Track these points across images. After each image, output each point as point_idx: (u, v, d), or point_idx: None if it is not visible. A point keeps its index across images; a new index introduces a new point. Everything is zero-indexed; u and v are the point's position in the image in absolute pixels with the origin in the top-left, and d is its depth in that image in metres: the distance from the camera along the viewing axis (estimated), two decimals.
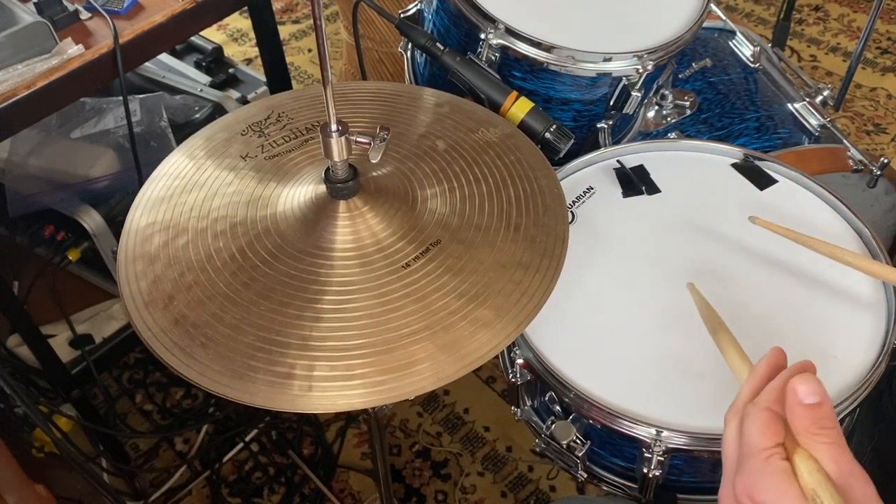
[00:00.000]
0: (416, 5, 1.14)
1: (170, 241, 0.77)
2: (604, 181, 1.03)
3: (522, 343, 0.87)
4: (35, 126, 1.20)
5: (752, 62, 1.35)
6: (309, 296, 0.71)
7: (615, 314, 0.89)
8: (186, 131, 1.46)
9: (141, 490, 1.49)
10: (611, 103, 1.06)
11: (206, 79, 1.58)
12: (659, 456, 0.80)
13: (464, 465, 1.51)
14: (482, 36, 1.00)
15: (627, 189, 1.01)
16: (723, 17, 1.39)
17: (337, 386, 0.65)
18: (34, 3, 1.11)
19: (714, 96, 1.29)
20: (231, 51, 2.47)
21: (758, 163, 1.04)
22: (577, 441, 0.87)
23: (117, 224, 1.36)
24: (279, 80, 1.46)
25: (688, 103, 1.26)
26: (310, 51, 2.51)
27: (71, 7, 1.15)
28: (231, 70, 1.61)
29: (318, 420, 1.57)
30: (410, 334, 0.68)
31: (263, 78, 1.54)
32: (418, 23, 1.12)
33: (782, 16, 1.67)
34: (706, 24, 1.23)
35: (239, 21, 2.60)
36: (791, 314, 0.88)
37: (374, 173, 0.82)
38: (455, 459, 1.52)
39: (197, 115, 1.50)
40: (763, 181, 1.02)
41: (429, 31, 1.09)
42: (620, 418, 0.80)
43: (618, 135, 1.17)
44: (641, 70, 1.00)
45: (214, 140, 0.88)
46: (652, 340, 0.86)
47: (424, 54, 1.07)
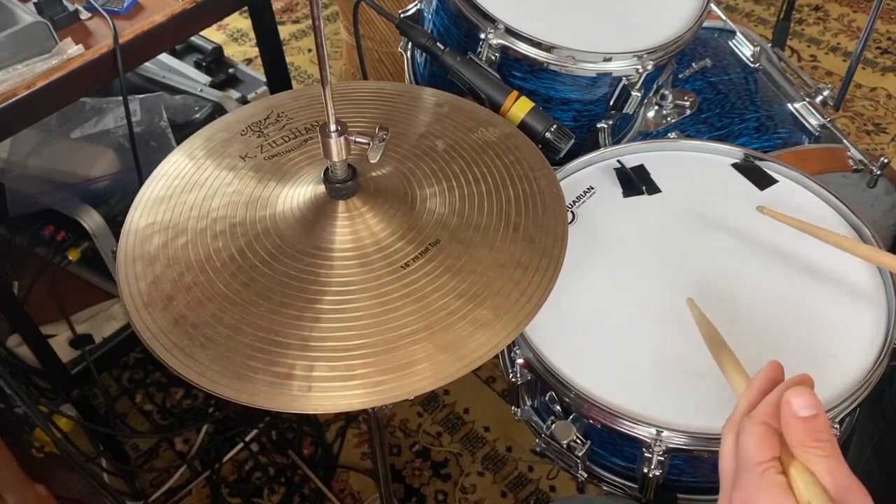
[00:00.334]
0: (416, 5, 1.14)
1: (169, 242, 0.77)
2: (604, 181, 1.03)
3: (523, 343, 0.87)
4: (35, 126, 1.21)
5: (752, 62, 1.35)
6: (308, 296, 0.71)
7: (615, 314, 0.89)
8: (186, 131, 1.46)
9: (141, 490, 1.49)
10: (611, 103, 1.06)
11: (206, 79, 1.58)
12: (659, 456, 0.80)
13: (464, 465, 1.51)
14: (482, 36, 1.00)
15: (628, 189, 1.01)
16: (723, 17, 1.39)
17: (336, 386, 0.65)
18: (34, 3, 1.11)
19: (714, 96, 1.29)
20: (231, 51, 2.47)
21: (758, 163, 1.04)
22: (578, 441, 0.87)
23: (117, 224, 1.36)
24: (279, 80, 1.46)
25: (688, 103, 1.26)
26: (310, 51, 2.51)
27: (71, 7, 1.15)
28: (231, 70, 1.61)
29: (318, 420, 1.57)
30: (410, 334, 0.68)
31: (263, 78, 1.55)
32: (418, 23, 1.12)
33: (782, 16, 1.66)
34: (706, 24, 1.23)
35: (239, 21, 2.60)
36: (791, 314, 0.88)
37: (374, 173, 0.82)
38: (455, 459, 1.52)
39: (197, 115, 1.50)
40: (763, 181, 1.02)
41: (429, 31, 1.09)
42: (620, 418, 0.80)
43: (618, 135, 1.17)
44: (641, 70, 1.00)
45: (214, 140, 0.88)
46: (652, 340, 0.86)
47: (424, 54, 1.07)
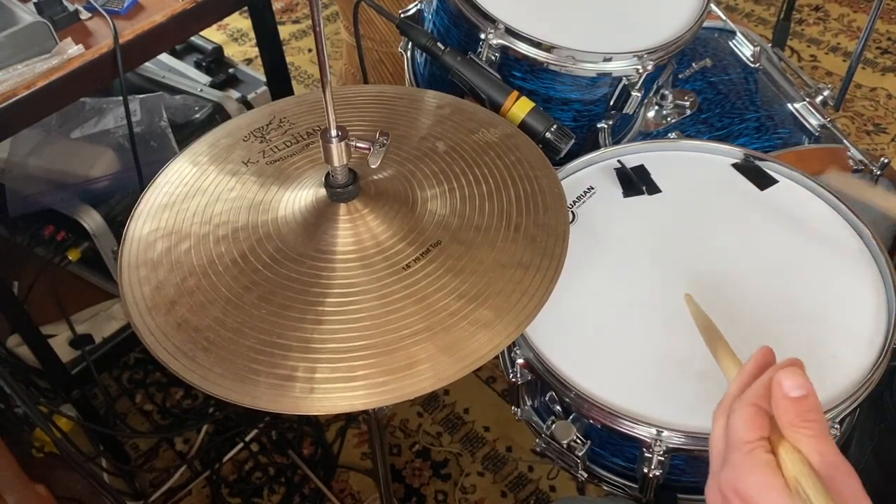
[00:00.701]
0: (416, 5, 1.14)
1: (172, 247, 0.77)
2: (604, 181, 1.03)
3: (523, 343, 0.87)
4: (35, 126, 1.20)
5: (752, 62, 1.35)
6: (310, 298, 0.71)
7: (616, 314, 0.89)
8: (186, 131, 1.46)
9: (141, 490, 1.49)
10: (611, 103, 1.06)
11: (206, 79, 1.58)
12: (659, 456, 0.80)
13: (464, 465, 1.51)
14: (482, 36, 1.00)
15: (628, 189, 1.02)
16: (723, 17, 1.39)
17: (338, 388, 0.65)
18: (34, 3, 1.11)
19: (714, 96, 1.29)
20: (231, 51, 2.47)
21: (758, 163, 1.04)
22: (578, 441, 0.87)
23: (117, 224, 1.36)
24: (279, 81, 1.46)
25: (688, 103, 1.26)
26: (310, 51, 2.51)
27: (71, 7, 1.15)
28: (231, 70, 1.61)
29: (318, 420, 1.57)
30: (411, 335, 0.68)
31: (263, 78, 1.55)
32: (418, 23, 1.12)
33: (782, 16, 1.66)
34: (706, 24, 1.23)
35: (239, 21, 2.60)
36: (791, 314, 0.88)
37: (375, 176, 0.82)
38: (455, 459, 1.52)
39: (197, 115, 1.50)
40: (763, 181, 1.02)
41: (429, 31, 1.09)
42: (621, 418, 0.80)
43: (618, 135, 1.17)
44: (641, 70, 1.00)
45: (217, 146, 0.89)
46: (652, 340, 0.86)
47: (424, 54, 1.07)
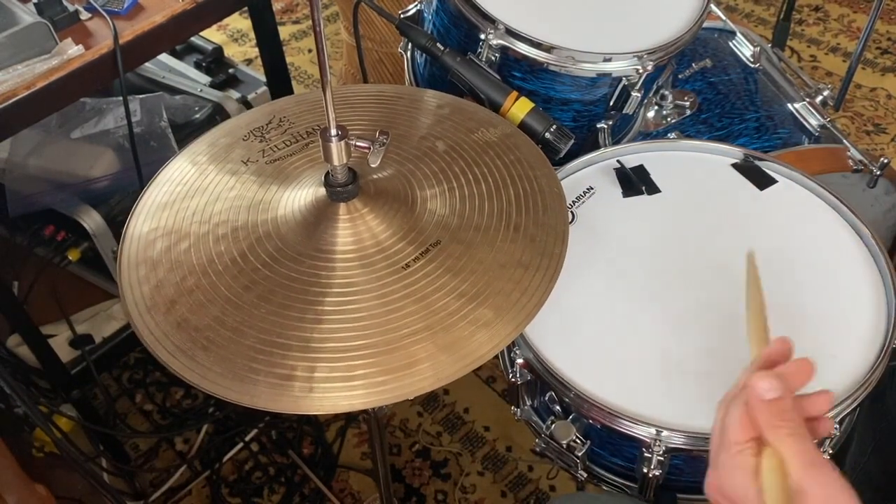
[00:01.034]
0: (416, 6, 1.14)
1: (172, 246, 0.77)
2: (604, 181, 1.03)
3: (522, 343, 0.87)
4: (35, 126, 1.20)
5: (752, 62, 1.35)
6: (310, 298, 0.71)
7: (615, 314, 0.89)
8: (186, 131, 1.46)
9: (141, 490, 1.49)
10: (611, 103, 1.06)
11: (206, 79, 1.58)
12: (659, 456, 0.80)
13: (464, 465, 1.51)
14: (482, 36, 1.00)
15: (627, 189, 1.02)
16: (723, 18, 1.39)
17: (338, 387, 0.65)
18: (34, 4, 1.11)
19: (714, 96, 1.29)
20: (231, 51, 2.47)
21: (758, 163, 1.04)
22: (577, 441, 0.87)
23: (117, 224, 1.36)
24: (279, 81, 1.46)
25: (688, 103, 1.26)
26: (310, 51, 2.51)
27: (71, 7, 1.14)
28: (231, 70, 1.61)
29: (318, 420, 1.57)
30: (411, 335, 0.68)
31: (263, 78, 1.54)
32: (418, 23, 1.12)
33: (782, 16, 1.66)
34: (706, 25, 1.23)
35: (239, 21, 2.60)
36: (791, 314, 0.88)
37: (375, 175, 0.82)
38: (455, 459, 1.52)
39: (197, 116, 1.50)
40: (763, 181, 1.02)
41: (428, 32, 1.09)
42: (620, 418, 0.80)
43: (618, 135, 1.17)
44: (641, 70, 1.00)
45: (217, 145, 0.89)
46: (652, 340, 0.86)
47: (424, 55, 1.07)
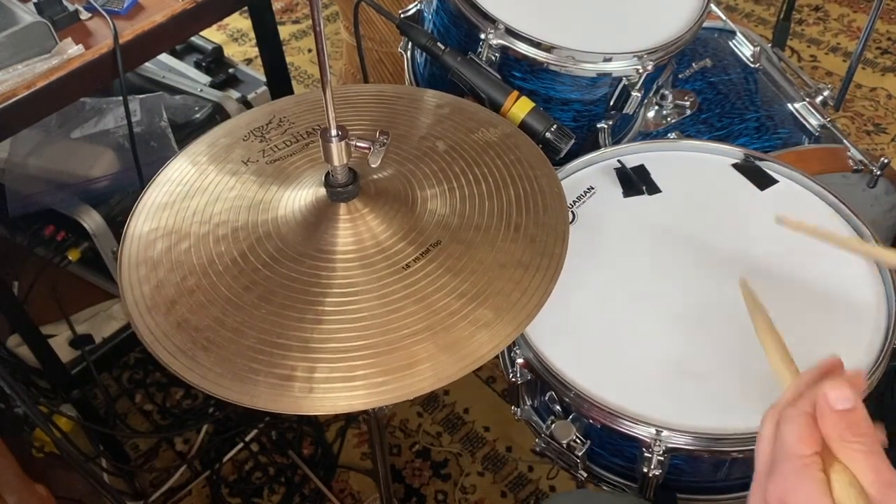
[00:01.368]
0: (416, 5, 1.14)
1: (172, 247, 0.77)
2: (604, 181, 1.03)
3: (522, 343, 0.87)
4: (35, 126, 1.20)
5: (752, 62, 1.35)
6: (310, 298, 0.71)
7: (615, 314, 0.89)
8: (186, 131, 1.46)
9: (141, 490, 1.49)
10: (611, 103, 1.06)
11: (206, 79, 1.58)
12: (659, 455, 0.80)
13: (464, 465, 1.51)
14: (482, 36, 1.00)
15: (628, 189, 1.02)
16: (723, 17, 1.39)
17: (338, 387, 0.65)
18: (34, 3, 1.11)
19: (714, 96, 1.29)
20: (231, 51, 2.47)
21: (758, 163, 1.04)
22: (577, 441, 0.87)
23: (117, 224, 1.36)
24: (279, 81, 1.46)
25: (688, 103, 1.26)
26: (310, 51, 2.51)
27: (71, 7, 1.14)
28: (231, 70, 1.61)
29: (318, 420, 1.57)
30: (411, 335, 0.68)
31: (263, 78, 1.54)
32: (418, 23, 1.12)
33: (782, 16, 1.66)
34: (706, 24, 1.23)
35: (239, 21, 2.60)
36: (791, 314, 0.87)
37: (375, 175, 0.82)
38: (455, 459, 1.52)
39: (197, 115, 1.50)
40: (763, 181, 1.02)
41: (429, 31, 1.09)
42: (620, 418, 0.80)
43: (618, 135, 1.17)
44: (641, 70, 1.00)
45: (217, 145, 0.89)
46: (652, 340, 0.86)
47: (424, 54, 1.07)
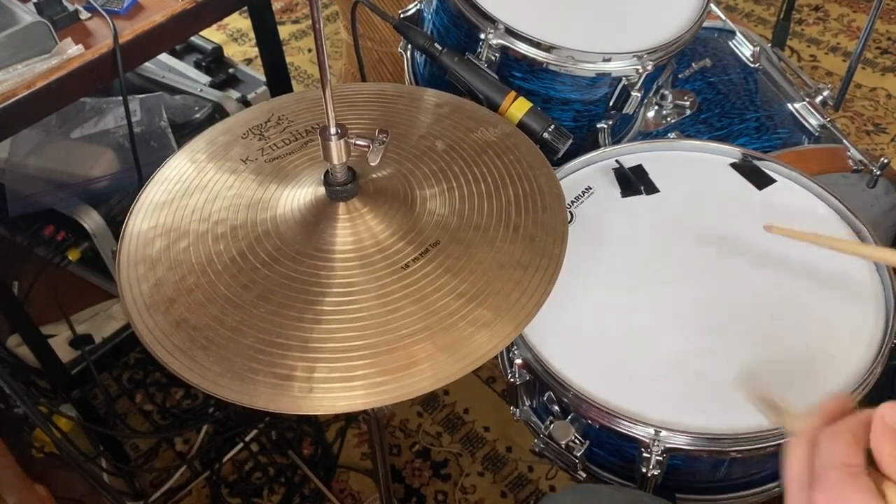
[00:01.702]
0: (416, 5, 1.14)
1: (171, 245, 0.77)
2: (602, 181, 1.03)
3: (521, 343, 0.87)
4: (35, 126, 1.20)
5: (752, 62, 1.35)
6: (309, 297, 0.71)
7: (614, 314, 0.89)
8: (186, 131, 1.46)
9: (141, 490, 1.49)
10: (610, 103, 1.07)
11: (206, 79, 1.58)
12: (658, 455, 0.80)
13: (464, 465, 1.51)
14: (482, 36, 1.00)
15: (626, 189, 1.02)
16: (723, 17, 1.39)
17: (337, 387, 0.65)
18: (34, 3, 1.11)
19: (714, 96, 1.29)
20: (231, 51, 2.47)
21: (757, 163, 1.04)
22: (576, 441, 0.87)
23: (117, 224, 1.36)
24: (279, 81, 1.46)
25: (687, 103, 1.26)
26: (310, 51, 2.51)
27: (71, 7, 1.14)
28: (231, 70, 1.61)
29: (318, 420, 1.57)
30: (410, 335, 0.68)
31: (263, 78, 1.54)
32: (418, 23, 1.12)
33: (782, 16, 1.66)
34: (706, 24, 1.23)
35: (239, 21, 2.60)
36: (790, 313, 0.88)
37: (374, 175, 0.82)
38: (455, 459, 1.52)
39: (197, 115, 1.50)
40: (762, 181, 1.02)
41: (428, 32, 1.09)
42: (619, 418, 0.80)
43: (618, 135, 1.17)
44: (641, 70, 1.00)
45: (215, 144, 0.89)
46: (651, 340, 0.86)
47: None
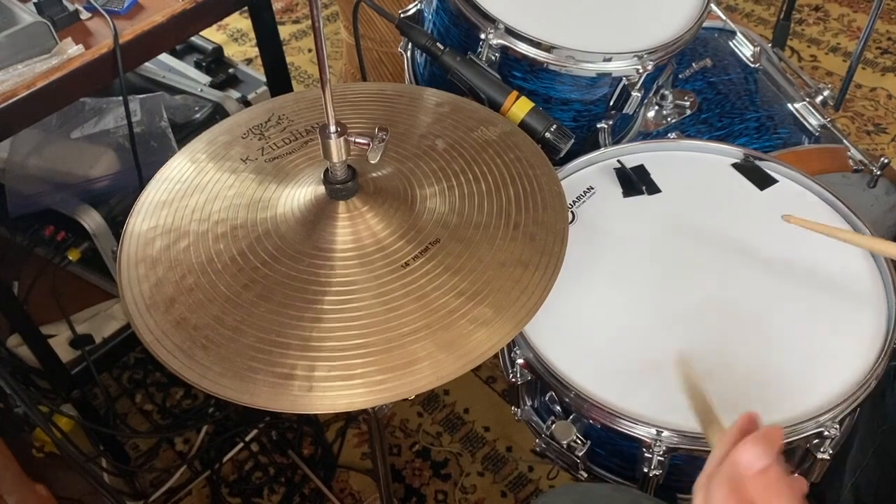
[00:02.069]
0: (416, 5, 1.14)
1: (171, 245, 0.77)
2: (604, 181, 1.03)
3: (523, 343, 0.87)
4: (35, 126, 1.20)
5: (752, 62, 1.35)
6: (309, 296, 0.71)
7: (615, 314, 0.89)
8: (186, 131, 1.46)
9: (141, 490, 1.49)
10: (611, 103, 1.06)
11: (206, 79, 1.58)
12: (659, 456, 0.80)
13: (464, 465, 1.51)
14: (482, 36, 1.00)
15: (628, 189, 1.02)
16: (723, 17, 1.39)
17: (337, 386, 0.65)
18: (34, 3, 1.11)
19: (714, 96, 1.29)
20: (231, 51, 2.47)
21: (758, 163, 1.04)
22: (578, 441, 0.87)
23: (117, 224, 1.36)
24: (279, 81, 1.46)
25: (688, 103, 1.26)
26: (310, 51, 2.51)
27: (71, 7, 1.14)
28: (231, 70, 1.61)
29: (318, 420, 1.57)
30: (410, 333, 0.68)
31: (263, 78, 1.54)
32: (418, 23, 1.12)
33: (782, 16, 1.66)
34: (706, 24, 1.23)
35: (239, 21, 2.60)
36: (791, 314, 0.88)
37: (374, 174, 0.82)
38: (455, 459, 1.52)
39: (197, 115, 1.50)
40: (763, 181, 1.02)
41: (429, 31, 1.09)
42: (620, 418, 0.80)
43: (618, 135, 1.17)
44: (641, 70, 1.00)
45: (216, 143, 0.89)
46: (652, 340, 0.86)
47: (424, 54, 1.07)
